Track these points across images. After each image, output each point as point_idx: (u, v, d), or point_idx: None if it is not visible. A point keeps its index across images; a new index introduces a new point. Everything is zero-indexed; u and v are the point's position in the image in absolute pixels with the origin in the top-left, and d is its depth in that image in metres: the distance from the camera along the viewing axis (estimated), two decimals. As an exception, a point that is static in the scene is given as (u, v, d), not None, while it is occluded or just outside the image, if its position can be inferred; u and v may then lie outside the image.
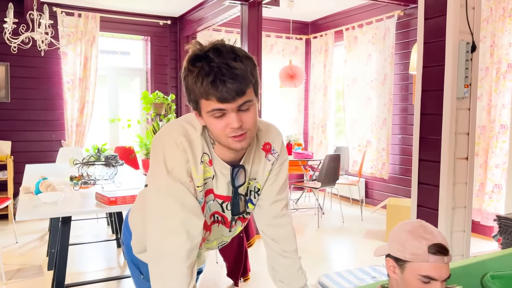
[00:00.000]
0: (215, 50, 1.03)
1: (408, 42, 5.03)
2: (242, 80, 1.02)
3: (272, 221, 1.34)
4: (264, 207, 1.34)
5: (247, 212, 1.34)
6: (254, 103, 1.08)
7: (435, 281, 1.21)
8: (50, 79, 5.39)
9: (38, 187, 2.71)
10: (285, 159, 1.34)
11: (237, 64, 1.02)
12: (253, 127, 1.10)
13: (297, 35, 6.56)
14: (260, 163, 1.28)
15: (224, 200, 1.25)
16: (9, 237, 4.23)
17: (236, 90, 1.01)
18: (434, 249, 1.21)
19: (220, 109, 1.04)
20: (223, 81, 1.00)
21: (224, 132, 1.07)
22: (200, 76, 1.01)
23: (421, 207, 2.35)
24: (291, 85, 5.46)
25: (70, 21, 5.33)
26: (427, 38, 2.28)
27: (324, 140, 6.40)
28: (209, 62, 1.01)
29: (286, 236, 1.35)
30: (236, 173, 1.20)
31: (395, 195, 5.22)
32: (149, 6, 5.52)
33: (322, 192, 5.96)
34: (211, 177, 1.20)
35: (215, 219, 1.30)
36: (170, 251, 1.09)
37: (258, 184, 1.30)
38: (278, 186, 1.32)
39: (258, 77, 1.10)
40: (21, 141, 5.23)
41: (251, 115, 1.08)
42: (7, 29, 3.70)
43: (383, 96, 5.29)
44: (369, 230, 4.71)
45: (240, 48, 1.08)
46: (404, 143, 5.18)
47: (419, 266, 1.21)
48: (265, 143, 1.29)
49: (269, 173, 1.30)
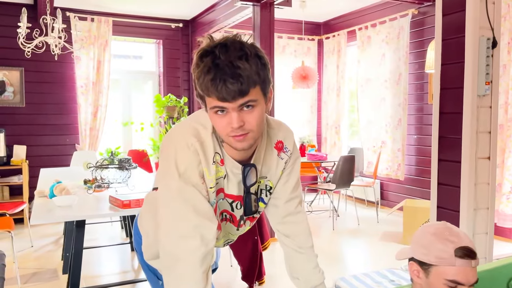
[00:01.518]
0: (222, 47, 1.00)
1: (423, 40, 4.94)
2: (245, 80, 0.98)
3: (286, 219, 1.33)
4: (279, 206, 1.32)
5: (258, 211, 1.31)
6: (259, 103, 1.04)
7: (462, 285, 1.16)
8: (63, 83, 5.43)
9: (52, 190, 2.71)
10: (297, 157, 1.32)
11: (242, 63, 0.98)
12: (257, 128, 1.06)
13: (309, 36, 6.51)
14: (272, 161, 1.25)
15: (234, 200, 1.22)
16: (25, 240, 4.26)
17: (236, 90, 0.98)
18: (461, 252, 1.16)
19: (220, 107, 1.02)
20: (224, 80, 0.97)
21: (226, 131, 1.05)
22: (203, 73, 0.99)
23: (441, 209, 2.28)
24: (304, 86, 5.41)
25: (83, 25, 5.37)
26: (446, 35, 2.22)
27: (337, 141, 6.33)
28: (214, 59, 0.98)
29: (301, 232, 1.34)
30: (247, 172, 1.17)
31: (411, 196, 5.13)
32: (161, 9, 5.53)
33: (337, 194, 5.89)
34: (223, 176, 1.17)
35: (223, 217, 1.27)
36: (184, 256, 1.05)
37: (270, 182, 1.28)
38: (292, 185, 1.31)
39: (268, 76, 1.05)
40: (36, 145, 5.28)
41: (255, 115, 1.04)
42: (21, 34, 3.73)
43: (398, 96, 5.21)
44: (385, 232, 4.63)
45: (251, 45, 1.03)
46: (420, 143, 5.09)
47: (445, 270, 1.16)
48: (278, 141, 1.26)
49: (282, 172, 1.28)
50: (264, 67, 1.04)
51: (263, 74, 1.03)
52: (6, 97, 5.12)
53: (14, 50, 4.84)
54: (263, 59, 1.04)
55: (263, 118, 1.09)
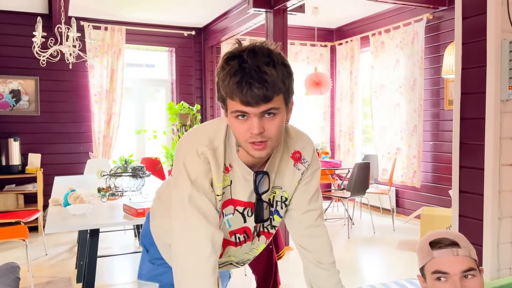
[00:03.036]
0: (250, 52, 1.00)
1: (439, 45, 4.87)
2: (270, 86, 0.98)
3: (305, 232, 1.27)
4: (295, 217, 1.27)
5: (273, 225, 1.27)
6: (281, 111, 1.03)
7: (447, 274, 1.13)
8: (77, 92, 5.47)
9: (66, 199, 2.71)
10: (317, 168, 1.28)
11: (269, 69, 0.98)
12: (276, 136, 1.05)
13: (322, 42, 6.48)
14: (287, 171, 1.21)
15: (245, 207, 1.18)
16: (39, 249, 4.26)
17: (261, 95, 0.97)
18: (435, 243, 1.18)
19: (242, 111, 1.01)
20: (249, 83, 0.97)
21: (245, 136, 1.04)
22: (229, 75, 0.99)
23: (463, 217, 2.21)
24: (317, 93, 5.37)
25: (97, 34, 5.41)
26: (466, 38, 2.16)
27: (351, 148, 6.25)
28: (241, 62, 0.98)
29: (322, 247, 1.27)
30: (260, 179, 1.14)
31: (428, 204, 5.03)
32: (173, 17, 5.55)
33: (351, 201, 5.81)
34: (229, 184, 1.15)
35: (236, 240, 1.23)
36: (197, 264, 1.05)
37: (285, 193, 1.23)
38: (309, 195, 1.26)
39: (291, 86, 1.05)
40: (51, 153, 5.31)
41: (276, 123, 1.03)
42: (36, 43, 3.76)
43: (413, 102, 5.13)
44: (402, 240, 4.53)
45: (279, 53, 1.03)
46: (436, 150, 5.00)
47: (429, 266, 1.17)
48: (295, 151, 1.23)
49: (298, 183, 1.24)
50: (289, 76, 1.03)
51: (288, 83, 1.03)
52: (21, 106, 5.18)
53: (30, 60, 4.90)
54: (289, 68, 1.04)
55: (283, 127, 1.08)
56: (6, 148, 4.92)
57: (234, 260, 1.32)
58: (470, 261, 1.15)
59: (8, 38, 5.11)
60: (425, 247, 1.20)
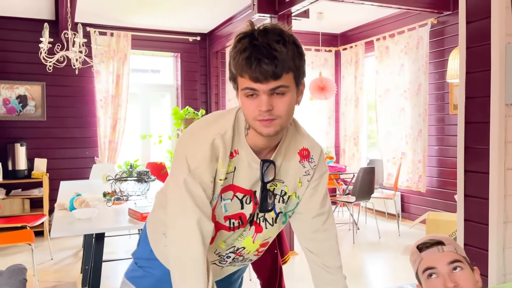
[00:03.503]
0: (262, 30, 1.01)
1: (443, 50, 4.87)
2: (280, 63, 0.98)
3: (313, 235, 1.26)
4: (304, 221, 1.26)
5: (265, 218, 1.24)
6: (290, 90, 1.03)
7: (435, 269, 1.19)
8: (83, 97, 5.52)
9: (72, 203, 2.72)
10: (325, 171, 1.27)
11: (279, 47, 0.98)
12: (285, 115, 1.05)
13: (326, 47, 6.49)
14: (292, 166, 1.21)
15: (245, 194, 1.18)
16: (45, 253, 4.28)
17: (270, 72, 0.98)
18: (421, 244, 1.25)
19: (252, 88, 1.01)
20: (259, 59, 0.97)
21: (254, 114, 1.04)
22: (239, 52, 1.00)
23: (468, 222, 2.20)
24: (322, 98, 5.38)
25: (103, 40, 5.46)
26: (470, 43, 2.16)
27: (356, 152, 6.25)
28: (252, 40, 0.99)
29: (329, 251, 1.26)
30: (266, 168, 1.15)
31: (433, 209, 5.00)
32: (179, 23, 5.59)
33: (356, 206, 5.79)
34: (233, 170, 1.15)
35: (231, 224, 1.21)
36: (190, 257, 1.06)
37: (286, 188, 1.22)
38: (319, 199, 1.25)
39: (302, 67, 1.06)
40: (56, 158, 5.35)
41: (285, 101, 1.03)
42: (43, 49, 3.80)
43: (418, 107, 5.12)
44: (407, 246, 4.51)
45: (291, 34, 1.03)
46: (441, 154, 4.98)
47: (420, 268, 1.23)
48: (304, 148, 1.23)
49: (300, 182, 1.23)
50: (300, 56, 1.04)
51: (298, 62, 1.03)
52: (28, 111, 5.22)
53: (36, 65, 4.94)
54: (300, 48, 1.04)
55: (293, 107, 1.08)
56: (13, 153, 4.96)
57: (222, 251, 1.27)
58: (456, 255, 1.21)
59: (15, 44, 5.17)
60: (414, 252, 1.26)
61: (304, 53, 1.07)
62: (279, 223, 1.28)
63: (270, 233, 1.29)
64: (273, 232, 1.29)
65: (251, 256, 1.32)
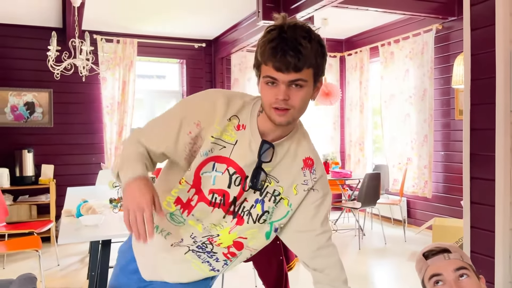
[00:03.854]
0: (291, 25, 1.06)
1: (449, 55, 4.87)
2: (303, 57, 1.04)
3: (318, 252, 1.26)
4: (310, 239, 1.26)
5: (250, 212, 1.22)
6: (308, 85, 1.09)
7: (442, 275, 1.19)
8: (90, 103, 5.56)
9: (79, 210, 2.74)
10: (327, 193, 1.28)
11: (305, 42, 1.04)
12: (299, 107, 1.10)
13: (331, 52, 6.51)
14: (292, 168, 1.23)
15: (236, 171, 1.18)
16: (51, 259, 4.30)
17: (292, 64, 1.03)
18: (427, 252, 1.25)
19: (273, 77, 1.07)
20: (284, 50, 1.03)
21: (270, 101, 1.09)
22: (268, 41, 1.06)
23: (475, 229, 2.19)
24: (327, 103, 5.38)
25: (109, 47, 5.51)
26: (475, 50, 2.17)
27: (362, 158, 6.24)
28: (281, 32, 1.05)
29: (334, 264, 1.27)
30: (265, 150, 1.17)
31: (439, 214, 4.98)
32: (184, 30, 5.63)
33: (362, 212, 5.77)
34: (234, 143, 1.17)
35: (212, 199, 1.21)
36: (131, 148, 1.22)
37: (280, 188, 1.22)
38: (321, 218, 1.26)
39: (323, 66, 1.11)
40: (63, 164, 5.39)
41: (301, 94, 1.09)
42: (51, 57, 3.85)
43: (423, 112, 5.12)
44: (414, 252, 4.49)
45: (318, 35, 1.10)
46: (447, 160, 4.96)
47: (426, 275, 1.23)
48: (309, 157, 1.25)
49: (295, 187, 1.22)
50: (322, 56, 1.10)
51: (320, 61, 1.09)
52: (35, 118, 5.27)
53: (44, 72, 4.99)
54: (323, 48, 1.10)
55: (307, 101, 1.13)
56: (20, 159, 5.01)
57: (198, 235, 1.26)
58: (462, 263, 1.21)
59: (23, 51, 5.23)
60: (420, 260, 1.27)
61: (327, 53, 1.13)
62: (262, 227, 1.25)
63: (249, 232, 1.25)
64: (252, 234, 1.25)
65: (220, 251, 1.27)
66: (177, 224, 1.26)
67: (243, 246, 1.26)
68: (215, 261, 1.29)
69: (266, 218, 1.24)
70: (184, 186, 1.22)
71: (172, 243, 1.29)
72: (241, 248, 1.27)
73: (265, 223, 1.24)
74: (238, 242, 1.26)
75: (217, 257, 1.28)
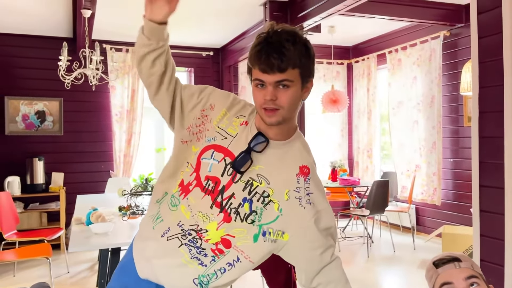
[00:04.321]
0: (278, 30, 1.14)
1: (457, 62, 4.86)
2: (286, 58, 1.10)
3: (324, 270, 1.24)
4: (314, 258, 1.23)
5: (237, 211, 1.20)
6: (295, 85, 1.14)
7: (452, 284, 1.19)
8: (99, 112, 5.62)
9: (89, 218, 2.77)
10: (324, 208, 1.25)
11: (288, 45, 1.11)
12: (287, 106, 1.15)
13: (338, 60, 6.52)
14: (287, 173, 1.23)
15: (231, 161, 1.22)
16: (61, 266, 4.34)
17: (276, 65, 1.10)
18: (438, 261, 1.24)
19: (260, 80, 1.14)
20: (268, 53, 1.10)
21: (260, 102, 1.16)
22: (254, 46, 1.15)
23: (484, 237, 2.18)
24: (334, 110, 5.39)
25: (118, 56, 5.57)
26: (482, 58, 2.17)
27: (370, 165, 6.22)
28: (267, 37, 1.13)
29: (339, 278, 1.25)
30: (259, 142, 1.21)
31: (449, 222, 4.94)
32: (192, 38, 5.69)
33: (370, 219, 5.75)
34: (234, 136, 1.24)
35: (206, 185, 1.23)
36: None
37: (270, 190, 1.21)
38: (323, 234, 1.23)
39: (309, 66, 1.17)
40: (73, 172, 5.44)
41: (288, 94, 1.14)
42: (62, 67, 3.91)
43: (431, 119, 5.10)
44: (423, 260, 4.45)
45: (305, 37, 1.16)
46: (457, 167, 4.93)
47: (437, 284, 1.23)
48: (306, 166, 1.25)
49: (287, 193, 1.21)
50: (308, 57, 1.16)
51: (305, 61, 1.15)
52: (46, 126, 5.34)
53: (54, 81, 5.07)
54: (309, 50, 1.16)
55: (296, 101, 1.18)
56: (31, 167, 5.07)
57: (186, 222, 1.25)
58: (473, 271, 1.21)
59: (34, 61, 5.31)
60: (431, 268, 1.26)
61: (314, 54, 1.18)
62: (251, 229, 1.22)
63: (237, 231, 1.22)
64: (240, 233, 1.22)
65: (208, 247, 1.24)
66: (172, 208, 1.28)
67: (230, 244, 1.23)
68: (203, 257, 1.25)
69: (254, 218, 1.21)
70: (190, 169, 1.27)
71: (162, 233, 1.27)
72: (229, 246, 1.23)
73: (254, 224, 1.22)
74: (226, 240, 1.23)
75: (205, 253, 1.24)
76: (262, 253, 1.24)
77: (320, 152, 6.28)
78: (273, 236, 1.23)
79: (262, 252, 1.24)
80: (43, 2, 4.12)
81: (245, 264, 1.25)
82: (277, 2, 4.19)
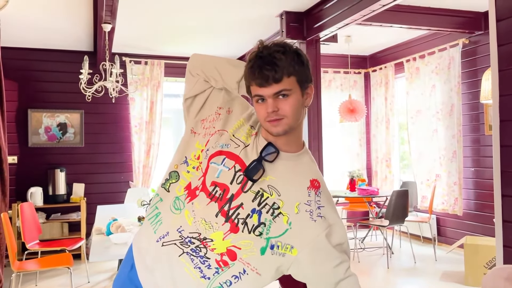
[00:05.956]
0: (267, 45, 1.16)
1: (476, 70, 4.79)
2: (280, 68, 1.12)
3: (338, 286, 1.18)
4: (326, 273, 1.18)
5: (246, 222, 1.17)
6: (294, 92, 1.15)
7: None
8: (119, 123, 5.72)
9: (109, 228, 2.81)
10: (336, 222, 1.20)
11: (279, 55, 1.12)
12: (291, 115, 1.16)
13: (355, 69, 6.50)
14: (298, 186, 1.21)
15: (241, 169, 1.22)
16: (82, 276, 4.39)
17: (270, 76, 1.12)
18: None
19: (259, 95, 1.16)
20: (260, 67, 1.13)
21: (263, 116, 1.17)
22: (247, 63, 1.17)
23: (508, 248, 2.13)
24: (352, 120, 5.36)
25: (137, 68, 5.68)
26: (502, 65, 2.14)
27: (389, 174, 6.14)
28: (258, 53, 1.16)
29: None
30: (270, 152, 1.21)
31: (471, 233, 4.83)
32: (208, 49, 5.75)
33: (390, 230, 5.66)
34: (246, 145, 1.25)
35: (213, 191, 1.21)
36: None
37: (280, 202, 1.18)
38: (336, 249, 1.18)
39: (305, 72, 1.17)
40: (93, 183, 5.53)
41: (289, 102, 1.15)
42: (83, 80, 4.00)
43: (451, 128, 5.02)
44: (445, 271, 4.36)
45: (293, 46, 1.17)
46: (478, 176, 4.83)
47: None
48: (316, 179, 1.25)
49: (297, 206, 1.18)
50: (300, 63, 1.16)
51: (299, 68, 1.16)
52: (67, 138, 5.46)
53: (75, 94, 5.19)
54: (301, 57, 1.17)
55: (298, 108, 1.18)
56: (53, 178, 5.17)
57: (186, 228, 1.21)
58: None
59: (56, 74, 5.45)
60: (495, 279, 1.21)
61: (308, 60, 1.19)
62: (258, 241, 1.18)
63: (243, 242, 1.18)
64: (246, 245, 1.18)
65: (213, 257, 1.18)
66: (174, 212, 1.25)
67: (236, 256, 1.18)
68: (206, 268, 1.19)
69: (262, 230, 1.17)
70: (199, 173, 1.26)
71: (158, 237, 1.23)
72: (234, 258, 1.18)
73: (261, 237, 1.17)
74: (231, 251, 1.18)
75: (209, 263, 1.19)
76: (269, 266, 1.19)
77: (338, 162, 6.25)
78: (282, 250, 1.18)
79: (269, 265, 1.19)
80: (64, 18, 4.25)
81: (252, 276, 1.19)
82: (293, 13, 4.22)
